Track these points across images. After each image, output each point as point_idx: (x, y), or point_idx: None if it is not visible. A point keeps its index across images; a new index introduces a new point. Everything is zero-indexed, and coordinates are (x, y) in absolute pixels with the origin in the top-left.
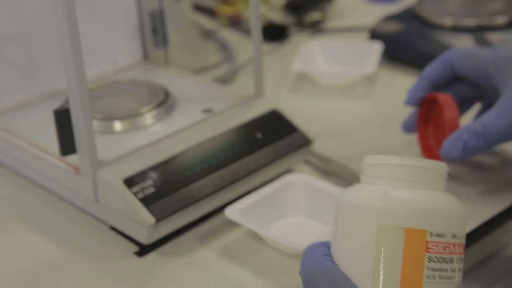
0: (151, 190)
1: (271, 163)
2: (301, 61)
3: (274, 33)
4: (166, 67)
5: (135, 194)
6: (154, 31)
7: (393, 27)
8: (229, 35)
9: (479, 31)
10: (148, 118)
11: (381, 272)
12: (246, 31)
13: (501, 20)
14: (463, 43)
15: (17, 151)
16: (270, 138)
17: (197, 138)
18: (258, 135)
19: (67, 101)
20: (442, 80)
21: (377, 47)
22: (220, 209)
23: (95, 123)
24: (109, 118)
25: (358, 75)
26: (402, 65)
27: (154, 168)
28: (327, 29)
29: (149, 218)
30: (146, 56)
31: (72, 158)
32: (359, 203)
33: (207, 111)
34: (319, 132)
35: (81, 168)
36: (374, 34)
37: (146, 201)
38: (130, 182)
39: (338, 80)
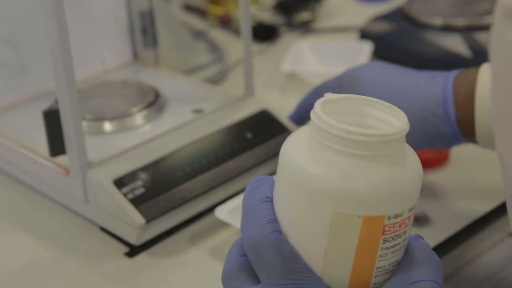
0: (141, 190)
1: (261, 163)
2: (291, 61)
3: (264, 33)
4: (156, 67)
5: (125, 194)
6: (144, 31)
7: (383, 27)
8: (219, 35)
9: (468, 31)
10: (138, 118)
11: (334, 256)
12: (236, 31)
13: (490, 19)
14: (453, 43)
15: (6, 152)
16: (260, 138)
17: (187, 139)
18: (248, 135)
19: (56, 102)
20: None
21: (367, 47)
22: (211, 209)
23: (84, 123)
24: (99, 118)
25: None
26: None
27: (144, 168)
28: (317, 29)
29: (139, 219)
30: (136, 56)
31: (61, 159)
32: (311, 182)
33: (197, 111)
34: None
35: (70, 169)
36: (364, 34)
37: (136, 202)
38: (120, 182)
39: None
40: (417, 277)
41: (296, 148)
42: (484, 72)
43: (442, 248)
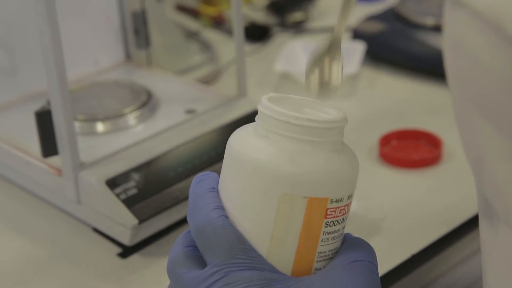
0: (133, 191)
1: None
2: (284, 61)
3: (257, 33)
4: (149, 67)
5: (117, 195)
6: (136, 31)
7: (375, 27)
8: (212, 36)
9: None
10: (131, 119)
11: (280, 238)
12: (229, 32)
13: None
14: None
15: None
16: None
17: (180, 139)
18: None
19: (48, 103)
20: None
21: (360, 47)
22: None
23: (77, 124)
24: (91, 119)
25: None
26: (385, 65)
27: (136, 169)
28: (310, 29)
29: (132, 219)
30: (128, 57)
31: (54, 160)
32: (260, 166)
33: (190, 111)
34: None
35: (63, 169)
36: (357, 34)
37: (129, 202)
38: (112, 183)
39: None
40: (355, 257)
41: (243, 139)
42: None
43: (428, 252)
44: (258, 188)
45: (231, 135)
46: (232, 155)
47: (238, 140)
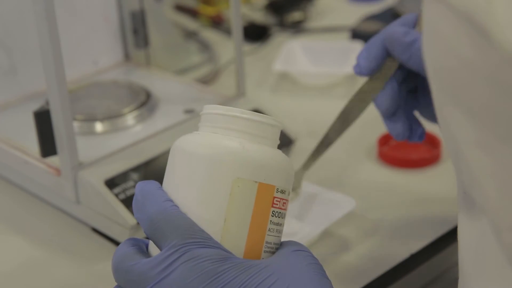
0: (132, 191)
1: None
2: (283, 61)
3: (255, 33)
4: (147, 67)
5: (116, 195)
6: (135, 31)
7: (374, 26)
8: (211, 36)
9: None
10: (130, 119)
11: (233, 222)
12: (228, 31)
13: None
14: None
15: None
16: None
17: None
18: None
19: (47, 103)
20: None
21: (358, 47)
22: None
23: (76, 124)
24: (90, 119)
25: (339, 75)
26: None
27: (135, 169)
28: (309, 29)
29: (131, 219)
30: (127, 56)
31: (52, 160)
32: (215, 153)
33: (189, 111)
34: (301, 132)
35: (62, 169)
36: (355, 34)
37: (128, 202)
38: (111, 183)
39: (320, 80)
40: (297, 248)
41: (190, 139)
42: None
43: (427, 252)
44: (211, 177)
45: (173, 144)
46: (183, 152)
47: (186, 140)
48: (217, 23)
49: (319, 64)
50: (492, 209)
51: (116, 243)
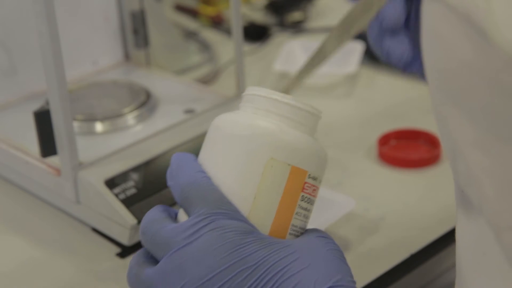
0: (132, 191)
1: None
2: (283, 61)
3: (255, 33)
4: (148, 67)
5: (116, 195)
6: (135, 31)
7: None
8: (211, 35)
9: None
10: (130, 119)
11: (262, 201)
12: (228, 31)
13: None
14: None
15: None
16: None
17: (178, 139)
18: None
19: (47, 103)
20: None
21: (359, 47)
22: None
23: (76, 124)
24: (90, 119)
25: (339, 75)
26: (383, 64)
27: (135, 169)
28: (309, 29)
29: (131, 219)
30: (127, 56)
31: (52, 160)
32: (253, 133)
33: (189, 111)
34: None
35: (62, 169)
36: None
37: (128, 202)
38: (111, 183)
39: (320, 80)
40: (320, 234)
41: (230, 117)
42: None
43: (427, 252)
44: (248, 153)
45: (213, 120)
46: (222, 129)
47: (226, 118)
48: (217, 23)
49: None
50: (490, 209)
51: (116, 243)
